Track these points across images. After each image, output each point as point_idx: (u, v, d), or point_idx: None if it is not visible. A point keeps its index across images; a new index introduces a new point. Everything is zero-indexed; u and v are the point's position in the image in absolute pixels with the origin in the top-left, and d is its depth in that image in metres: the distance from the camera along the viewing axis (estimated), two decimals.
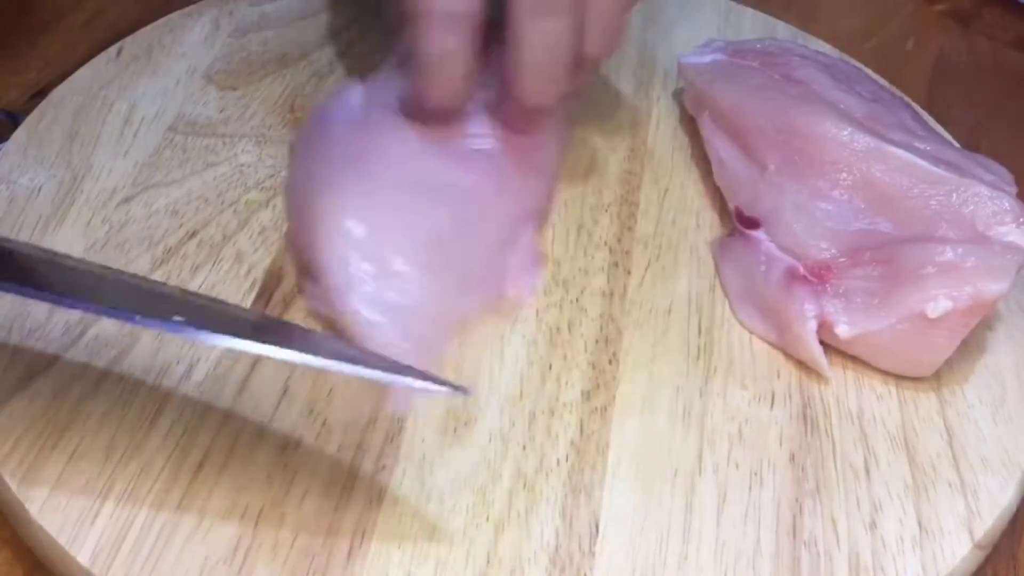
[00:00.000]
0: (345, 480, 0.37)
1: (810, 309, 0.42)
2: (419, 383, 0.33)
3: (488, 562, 0.36)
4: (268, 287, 0.43)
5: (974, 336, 0.42)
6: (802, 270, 0.43)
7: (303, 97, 0.51)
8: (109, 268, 0.37)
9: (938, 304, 0.40)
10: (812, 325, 0.42)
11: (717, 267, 0.46)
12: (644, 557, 0.36)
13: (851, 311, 0.41)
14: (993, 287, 0.40)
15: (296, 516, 0.36)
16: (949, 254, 0.40)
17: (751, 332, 0.44)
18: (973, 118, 0.60)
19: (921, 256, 0.41)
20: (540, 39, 0.42)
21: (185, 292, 0.40)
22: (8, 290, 0.33)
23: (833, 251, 0.43)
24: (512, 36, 0.42)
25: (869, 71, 0.53)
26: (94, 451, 0.37)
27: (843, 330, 0.41)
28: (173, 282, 0.42)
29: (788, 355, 0.43)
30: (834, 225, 0.43)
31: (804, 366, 0.43)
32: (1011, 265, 0.40)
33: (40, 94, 0.49)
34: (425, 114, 0.44)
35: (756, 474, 0.39)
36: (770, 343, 0.43)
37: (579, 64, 0.43)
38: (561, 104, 0.44)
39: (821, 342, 0.42)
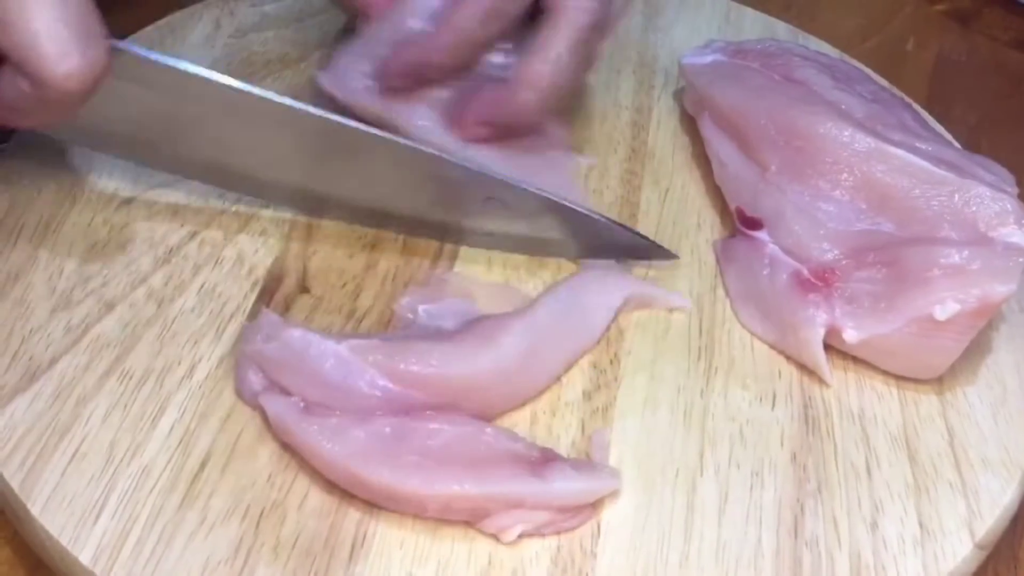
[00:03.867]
0: None
1: (819, 316, 0.41)
2: None
3: (490, 562, 0.36)
4: (269, 288, 0.43)
5: (975, 336, 0.42)
6: (806, 273, 0.42)
7: (304, 98, 0.51)
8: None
9: (946, 307, 0.40)
10: (820, 332, 0.41)
11: (720, 267, 0.46)
12: (645, 557, 0.36)
13: (858, 315, 0.41)
14: (1000, 289, 0.40)
15: (297, 516, 0.36)
16: (955, 256, 0.40)
17: (752, 333, 0.44)
18: (973, 118, 0.60)
19: (926, 258, 0.41)
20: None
21: None
22: None
23: (835, 252, 0.43)
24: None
25: (869, 71, 0.53)
26: (95, 451, 0.37)
27: (851, 335, 0.41)
28: (173, 283, 0.42)
29: (789, 356, 0.43)
30: (836, 226, 0.43)
31: (805, 366, 0.43)
32: (1017, 267, 0.40)
33: None
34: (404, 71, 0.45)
35: (757, 474, 0.39)
36: (770, 344, 0.43)
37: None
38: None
39: (824, 345, 0.42)
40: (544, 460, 0.37)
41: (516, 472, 0.36)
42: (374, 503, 0.36)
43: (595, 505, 0.37)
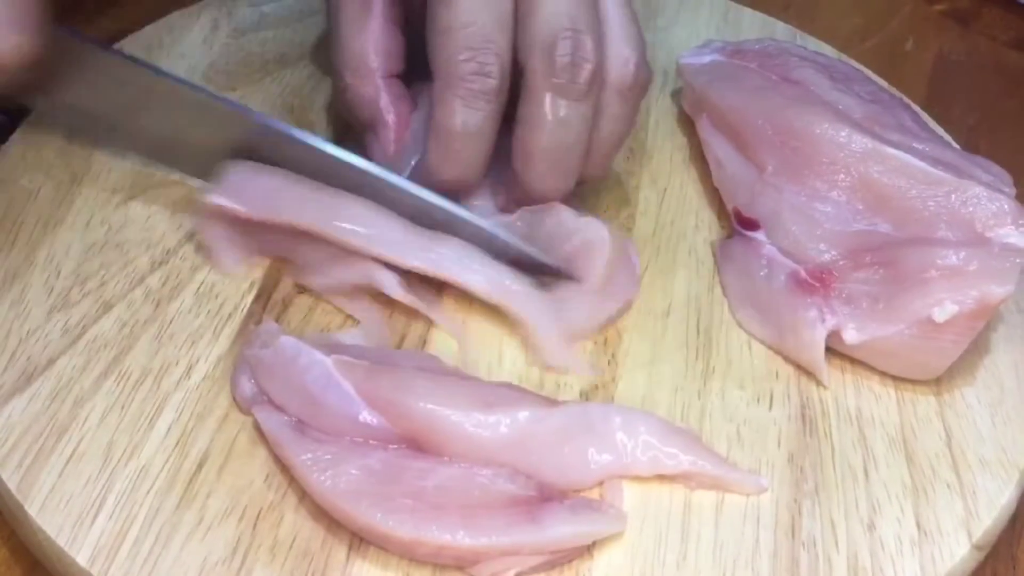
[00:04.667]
0: None
1: (819, 317, 0.41)
2: None
3: None
4: (266, 288, 0.43)
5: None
6: (803, 273, 0.42)
7: (302, 97, 0.51)
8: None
9: (944, 308, 0.40)
10: (822, 333, 0.41)
11: (718, 268, 0.46)
12: (643, 557, 0.36)
13: (857, 317, 0.41)
14: (998, 290, 0.40)
15: (295, 517, 0.36)
16: (952, 258, 0.40)
17: (750, 334, 0.44)
18: (973, 118, 0.60)
19: (923, 259, 0.41)
20: (559, 123, 0.40)
21: None
22: None
23: (833, 253, 0.43)
24: (528, 115, 0.41)
25: (868, 71, 0.53)
26: (93, 452, 0.37)
27: (851, 336, 0.41)
28: (170, 284, 0.42)
29: (787, 357, 0.43)
30: (833, 226, 0.43)
31: (802, 367, 0.43)
32: (1015, 268, 0.40)
33: None
34: (434, 185, 0.42)
35: (754, 475, 0.39)
36: (768, 346, 0.43)
37: (587, 160, 0.42)
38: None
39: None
40: (542, 500, 0.36)
41: (511, 520, 0.35)
42: (362, 539, 0.36)
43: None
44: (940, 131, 0.50)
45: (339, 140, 0.45)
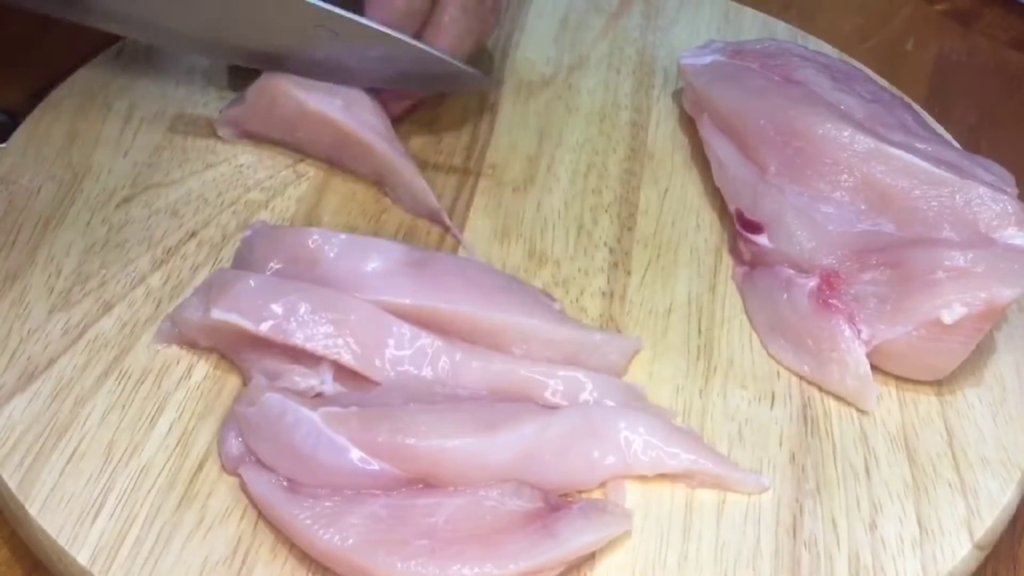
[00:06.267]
0: None
1: (855, 330, 0.41)
2: None
3: None
4: None
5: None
6: (822, 286, 0.42)
7: None
8: None
9: (953, 310, 0.39)
10: (862, 349, 0.41)
11: (743, 303, 0.45)
12: (644, 556, 0.36)
13: (867, 320, 0.41)
14: (1006, 292, 0.39)
15: None
16: (959, 259, 0.40)
17: (784, 366, 0.43)
18: (973, 118, 0.60)
19: (929, 260, 0.40)
20: None
21: None
22: None
23: (838, 254, 0.42)
24: None
25: (869, 71, 0.53)
26: (94, 451, 0.37)
27: (864, 336, 0.41)
28: (171, 283, 0.42)
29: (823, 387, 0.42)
30: (836, 228, 0.43)
31: (845, 398, 0.42)
32: (1023, 270, 0.40)
33: (40, 94, 0.49)
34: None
35: (756, 474, 0.39)
36: (802, 376, 0.42)
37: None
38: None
39: None
40: (551, 509, 0.35)
41: (531, 539, 0.34)
42: None
43: None
44: (941, 131, 0.50)
45: None
